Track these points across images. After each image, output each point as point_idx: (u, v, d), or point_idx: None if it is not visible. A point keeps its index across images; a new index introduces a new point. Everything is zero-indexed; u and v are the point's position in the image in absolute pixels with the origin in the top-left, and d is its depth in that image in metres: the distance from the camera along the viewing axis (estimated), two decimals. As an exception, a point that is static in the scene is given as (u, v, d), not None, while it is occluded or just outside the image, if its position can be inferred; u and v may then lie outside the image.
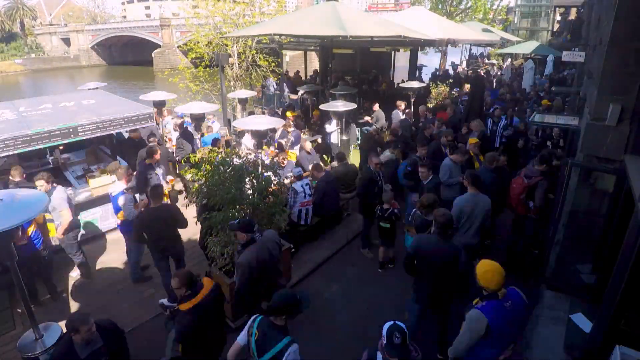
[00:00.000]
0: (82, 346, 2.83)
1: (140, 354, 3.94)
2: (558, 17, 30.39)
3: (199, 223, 4.92)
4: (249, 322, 2.87)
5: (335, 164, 7.27)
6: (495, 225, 5.97)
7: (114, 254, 6.13)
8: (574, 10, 25.20)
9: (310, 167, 6.65)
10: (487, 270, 2.82)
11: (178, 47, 46.31)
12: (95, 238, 6.49)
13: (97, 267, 5.90)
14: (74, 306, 5.09)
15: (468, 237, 4.49)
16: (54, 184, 5.23)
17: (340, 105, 8.21)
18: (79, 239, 5.46)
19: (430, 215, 4.05)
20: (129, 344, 3.31)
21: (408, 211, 5.87)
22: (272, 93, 14.36)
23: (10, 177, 5.50)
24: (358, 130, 10.26)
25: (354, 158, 9.07)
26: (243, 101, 11.05)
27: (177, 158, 7.71)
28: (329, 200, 6.18)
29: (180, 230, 4.86)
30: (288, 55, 21.83)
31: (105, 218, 6.52)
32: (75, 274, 5.60)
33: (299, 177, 5.84)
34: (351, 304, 5.12)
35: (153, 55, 49.36)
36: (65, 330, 2.94)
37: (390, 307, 4.93)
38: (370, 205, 5.75)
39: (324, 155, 8.17)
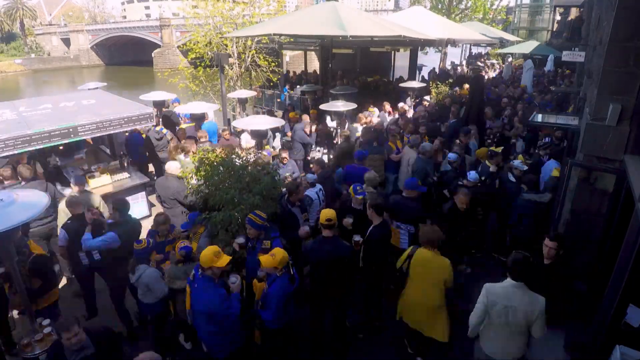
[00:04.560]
0: (72, 352, 2.82)
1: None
2: (558, 17, 30.41)
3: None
4: None
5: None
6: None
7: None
8: (574, 10, 25.21)
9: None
10: None
11: (178, 47, 46.33)
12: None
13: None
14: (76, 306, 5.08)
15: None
16: None
17: (341, 105, 8.22)
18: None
19: None
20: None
21: None
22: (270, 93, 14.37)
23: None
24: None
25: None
26: (243, 101, 11.05)
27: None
28: (326, 198, 6.07)
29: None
30: (288, 55, 21.83)
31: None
32: None
33: (312, 184, 5.64)
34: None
35: (153, 55, 49.42)
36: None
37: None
38: None
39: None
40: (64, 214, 4.90)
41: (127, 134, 7.91)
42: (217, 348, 3.42)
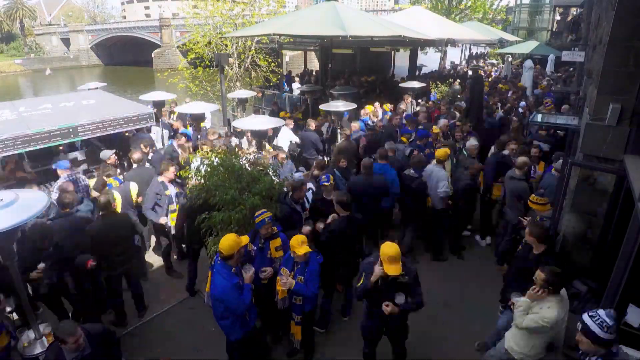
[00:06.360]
0: (70, 352, 2.84)
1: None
2: (558, 17, 30.43)
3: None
4: None
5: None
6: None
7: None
8: (573, 10, 25.24)
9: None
10: None
11: (178, 47, 46.26)
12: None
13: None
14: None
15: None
16: None
17: (341, 105, 8.22)
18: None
19: None
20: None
21: None
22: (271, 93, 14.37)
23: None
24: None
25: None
26: (243, 101, 11.03)
27: None
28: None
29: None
30: (288, 55, 21.86)
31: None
32: None
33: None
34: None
35: (153, 56, 49.34)
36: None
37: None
38: None
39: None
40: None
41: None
42: (229, 330, 3.53)
